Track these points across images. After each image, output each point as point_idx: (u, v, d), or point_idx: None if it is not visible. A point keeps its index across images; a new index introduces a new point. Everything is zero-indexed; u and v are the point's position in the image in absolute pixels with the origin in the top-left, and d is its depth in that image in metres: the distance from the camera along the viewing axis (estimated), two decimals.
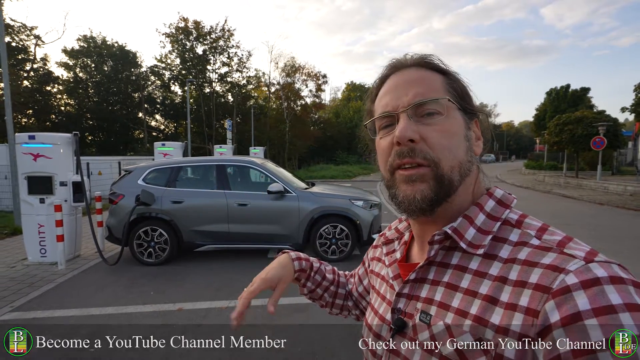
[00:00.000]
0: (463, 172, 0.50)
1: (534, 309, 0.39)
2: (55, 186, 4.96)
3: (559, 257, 0.41)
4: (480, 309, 0.44)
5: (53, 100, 26.22)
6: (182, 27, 27.85)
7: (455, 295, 0.47)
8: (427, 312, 0.49)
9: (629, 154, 28.90)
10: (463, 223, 0.49)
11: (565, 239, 0.43)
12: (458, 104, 0.51)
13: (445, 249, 0.51)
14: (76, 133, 5.09)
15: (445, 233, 0.49)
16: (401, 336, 0.52)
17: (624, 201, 11.03)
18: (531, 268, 0.42)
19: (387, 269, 0.62)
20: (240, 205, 4.92)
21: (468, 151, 0.51)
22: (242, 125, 29.50)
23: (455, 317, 0.46)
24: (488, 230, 0.48)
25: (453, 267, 0.49)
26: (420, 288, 0.52)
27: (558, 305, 0.37)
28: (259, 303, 2.94)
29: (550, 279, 0.39)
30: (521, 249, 0.44)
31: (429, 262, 0.51)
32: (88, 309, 3.54)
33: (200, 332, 3.07)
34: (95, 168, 11.51)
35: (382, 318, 0.58)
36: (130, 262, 4.98)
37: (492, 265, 0.46)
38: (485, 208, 0.50)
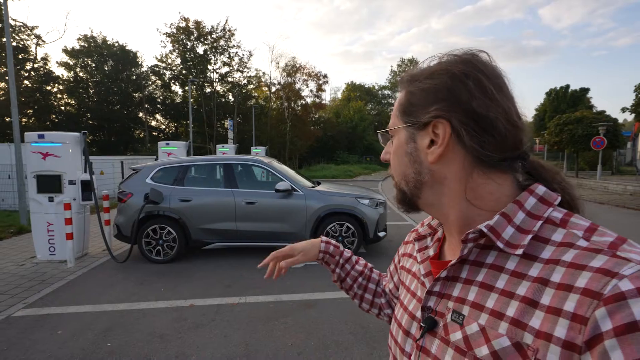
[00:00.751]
0: (410, 183, 0.54)
1: (582, 315, 0.36)
2: (64, 185, 5.00)
3: (611, 260, 0.38)
4: (518, 311, 0.41)
5: (53, 100, 26.24)
6: (183, 27, 27.91)
7: (490, 296, 0.45)
8: (460, 311, 0.48)
9: (628, 153, 29.03)
10: (500, 221, 0.46)
11: (618, 240, 0.40)
12: (403, 122, 0.54)
13: (480, 247, 0.49)
14: (85, 132, 5.14)
15: (480, 231, 0.46)
16: (432, 335, 0.51)
17: (624, 200, 11.11)
18: (578, 271, 0.39)
19: (418, 265, 0.61)
20: (248, 203, 4.97)
21: (411, 164, 0.53)
22: (243, 125, 29.54)
23: (490, 318, 0.44)
24: (528, 230, 0.45)
25: (488, 266, 0.47)
26: (452, 287, 0.51)
27: (610, 313, 0.34)
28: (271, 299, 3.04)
29: (601, 283, 0.36)
30: (567, 250, 0.41)
31: (462, 261, 0.50)
32: (101, 305, 3.58)
33: (214, 326, 3.11)
34: (97, 168, 11.45)
35: (411, 315, 0.57)
36: (138, 260, 5.02)
37: (532, 266, 0.43)
38: (525, 206, 0.47)
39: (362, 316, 3.28)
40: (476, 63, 0.49)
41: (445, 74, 0.49)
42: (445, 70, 0.50)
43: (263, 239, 5.05)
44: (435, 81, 0.50)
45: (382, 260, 5.01)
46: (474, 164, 0.49)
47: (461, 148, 0.49)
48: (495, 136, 0.47)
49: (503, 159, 0.48)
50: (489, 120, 0.47)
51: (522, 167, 0.50)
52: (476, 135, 0.48)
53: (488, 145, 0.48)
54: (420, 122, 0.51)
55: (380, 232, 5.14)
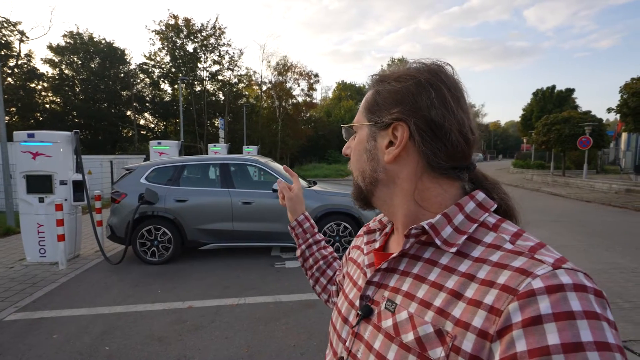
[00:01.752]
0: (367, 179, 0.57)
1: (498, 308, 0.40)
2: (55, 185, 4.88)
3: (529, 261, 0.42)
4: (444, 301, 0.45)
5: (38, 97, 25.50)
6: (172, 24, 27.47)
7: (422, 287, 0.49)
8: (393, 300, 0.51)
9: (611, 153, 29.85)
10: (441, 220, 0.50)
11: (538, 245, 0.44)
12: (367, 119, 0.57)
13: (420, 243, 0.52)
14: (77, 131, 5.02)
15: (422, 228, 0.50)
16: (366, 322, 0.54)
17: (609, 199, 11.41)
18: (501, 269, 0.43)
19: (363, 256, 0.64)
20: (245, 203, 4.93)
21: (369, 161, 0.56)
22: (233, 124, 29.25)
23: (418, 307, 0.47)
24: (464, 231, 0.49)
25: (424, 260, 0.51)
26: (390, 277, 0.54)
27: (521, 307, 0.38)
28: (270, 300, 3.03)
29: (517, 281, 0.40)
30: (494, 251, 0.46)
31: (402, 254, 0.53)
32: (96, 307, 3.51)
33: (214, 328, 3.08)
34: (85, 167, 11.23)
35: (351, 303, 0.60)
36: (132, 261, 4.93)
37: (462, 263, 0.47)
38: (465, 209, 0.51)
39: None
40: (440, 74, 0.53)
41: (411, 79, 0.52)
42: (411, 76, 0.53)
43: (260, 239, 5.02)
44: (401, 85, 0.53)
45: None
46: (425, 168, 0.52)
47: (415, 152, 0.52)
48: (447, 145, 0.51)
49: (452, 167, 0.52)
50: (444, 129, 0.51)
51: (467, 177, 0.54)
52: (430, 142, 0.51)
53: (440, 153, 0.51)
54: (382, 122, 0.54)
55: None
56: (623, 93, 14.67)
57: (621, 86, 14.84)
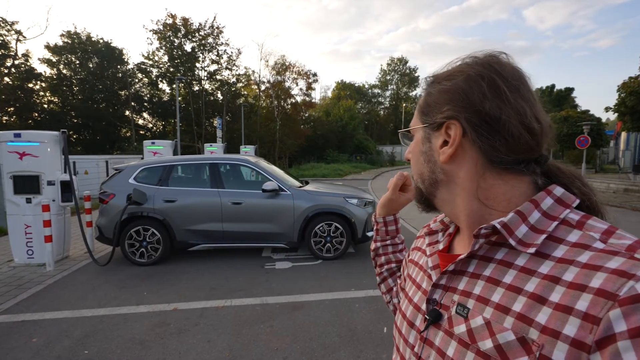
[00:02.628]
0: (426, 182, 0.56)
1: (594, 315, 0.36)
2: (43, 185, 4.82)
3: (628, 261, 0.37)
4: (525, 306, 0.41)
5: (36, 97, 25.47)
6: (170, 23, 27.41)
7: (497, 290, 0.45)
8: (465, 305, 0.48)
9: (611, 152, 29.78)
10: (514, 219, 0.46)
11: (636, 244, 0.39)
12: (422, 122, 0.56)
13: (490, 244, 0.49)
14: (64, 131, 4.96)
15: (493, 227, 0.46)
16: (436, 327, 0.51)
17: (607, 198, 11.36)
18: (593, 272, 0.38)
19: (426, 258, 0.62)
20: (235, 203, 4.88)
21: (426, 164, 0.55)
22: (232, 124, 29.22)
23: (495, 312, 0.44)
24: (542, 229, 0.45)
25: (497, 261, 0.47)
26: (458, 280, 0.51)
27: (625, 315, 0.34)
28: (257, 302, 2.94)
29: (617, 285, 0.36)
30: (582, 251, 0.41)
31: (471, 255, 0.50)
32: (80, 310, 3.45)
33: (197, 331, 3.03)
34: (82, 167, 11.25)
35: (416, 307, 0.58)
36: (121, 262, 4.88)
37: (542, 264, 0.43)
38: (541, 205, 0.47)
39: (349, 318, 3.24)
40: (493, 65, 0.50)
41: (461, 75, 0.50)
42: (461, 72, 0.51)
43: (250, 239, 4.97)
44: (451, 83, 0.51)
45: (371, 259, 4.97)
46: (487, 165, 0.49)
47: (473, 149, 0.50)
48: (507, 138, 0.47)
49: (517, 161, 0.48)
50: (501, 122, 0.47)
51: (539, 170, 0.50)
52: (487, 137, 0.48)
53: (499, 147, 0.48)
54: (435, 122, 0.52)
55: (368, 232, 5.11)
56: (621, 92, 14.62)
57: (619, 85, 14.79)
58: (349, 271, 4.53)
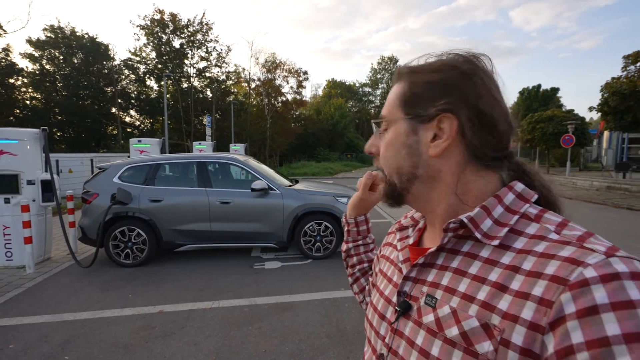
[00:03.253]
0: (403, 176, 0.54)
1: (548, 299, 0.39)
2: (22, 185, 4.66)
3: (578, 250, 0.40)
4: (488, 295, 0.44)
5: (17, 93, 24.68)
6: (158, 19, 26.87)
7: (463, 281, 0.48)
8: (433, 295, 0.50)
9: (594, 151, 30.53)
10: (480, 213, 0.49)
11: (586, 234, 0.43)
12: (404, 112, 0.53)
13: (458, 237, 0.52)
14: (44, 128, 4.79)
15: (461, 221, 0.49)
16: (406, 318, 0.53)
17: (590, 196, 11.62)
18: (548, 260, 0.41)
19: (397, 252, 0.64)
20: (223, 203, 4.80)
21: (408, 157, 0.53)
22: (221, 122, 28.87)
23: (461, 301, 0.46)
24: (505, 223, 0.48)
25: (463, 254, 0.50)
26: (427, 272, 0.53)
27: (575, 298, 0.37)
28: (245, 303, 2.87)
29: (567, 271, 0.39)
30: (539, 242, 0.44)
31: (439, 249, 0.52)
32: (61, 314, 3.34)
33: (184, 334, 2.96)
34: (65, 165, 10.95)
35: (387, 300, 0.60)
36: (105, 263, 4.76)
37: (504, 255, 0.46)
38: (504, 201, 0.50)
39: (339, 319, 3.22)
40: (479, 64, 0.52)
41: (453, 69, 0.51)
42: (452, 66, 0.51)
43: (238, 239, 4.90)
44: (443, 75, 0.51)
45: None
46: (469, 160, 0.51)
47: (461, 144, 0.51)
48: (494, 135, 0.50)
49: (495, 158, 0.51)
50: (492, 119, 0.50)
51: (507, 167, 0.53)
52: (479, 133, 0.50)
53: (487, 143, 0.50)
54: (426, 114, 0.51)
55: None
56: (604, 92, 14.96)
57: (602, 85, 15.13)
58: (339, 271, 4.50)
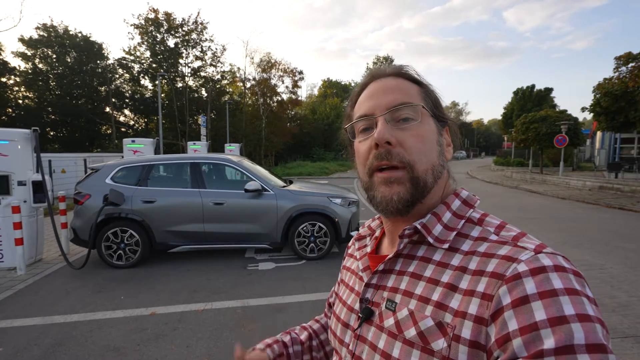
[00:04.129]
0: (436, 174, 0.54)
1: (489, 294, 0.43)
2: (13, 186, 4.61)
3: (513, 249, 0.45)
4: (441, 295, 0.47)
5: (9, 92, 24.39)
6: (152, 18, 26.68)
7: (419, 284, 0.50)
8: (393, 300, 0.52)
9: (587, 151, 30.84)
10: (431, 220, 0.53)
11: (520, 235, 0.48)
12: (431, 111, 0.55)
13: (413, 243, 0.55)
14: (36, 129, 4.75)
15: (414, 228, 0.52)
16: (368, 324, 0.55)
17: (583, 196, 11.74)
18: (489, 259, 0.46)
19: (357, 262, 0.65)
20: (216, 204, 4.78)
21: (440, 155, 0.55)
22: (216, 122, 28.74)
23: (418, 303, 0.49)
24: (453, 227, 0.53)
25: (419, 258, 0.53)
26: (387, 278, 0.55)
27: (510, 290, 0.41)
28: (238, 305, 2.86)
29: (504, 267, 0.43)
30: (481, 243, 0.49)
31: (397, 255, 0.55)
32: (52, 316, 3.31)
33: (176, 336, 2.95)
34: (58, 166, 10.85)
35: (350, 308, 0.61)
36: (98, 265, 4.72)
37: (454, 257, 0.50)
38: (451, 207, 0.55)
39: None
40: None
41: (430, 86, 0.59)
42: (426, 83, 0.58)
43: (232, 240, 4.89)
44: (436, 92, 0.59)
45: None
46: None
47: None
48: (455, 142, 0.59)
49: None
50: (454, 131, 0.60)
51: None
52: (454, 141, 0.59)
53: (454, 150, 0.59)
54: (446, 120, 0.58)
55: (352, 232, 5.10)
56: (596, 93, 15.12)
57: (594, 86, 15.28)
58: (333, 271, 4.51)
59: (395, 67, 0.58)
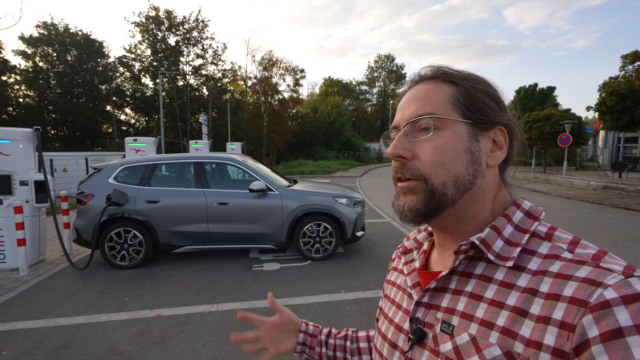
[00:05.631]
0: (460, 186, 0.49)
1: (570, 322, 0.37)
2: (15, 186, 4.56)
3: (595, 270, 0.39)
4: (508, 320, 0.42)
5: (10, 91, 24.36)
6: (153, 16, 26.60)
7: (480, 306, 0.46)
8: (449, 322, 0.48)
9: (589, 150, 30.75)
10: (491, 234, 0.48)
11: (600, 253, 0.42)
12: (463, 116, 0.50)
13: (469, 259, 0.50)
14: (37, 128, 4.69)
15: (472, 243, 0.47)
16: (421, 346, 0.50)
17: (588, 195, 11.67)
18: (565, 281, 0.40)
19: (405, 277, 0.61)
20: (221, 204, 4.73)
21: (469, 165, 0.50)
22: (218, 120, 28.69)
23: (480, 328, 0.44)
24: (516, 242, 0.47)
25: (477, 277, 0.48)
26: (440, 297, 0.51)
27: (597, 320, 0.36)
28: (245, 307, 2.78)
29: (587, 292, 0.38)
30: (553, 262, 0.43)
31: (452, 272, 0.50)
32: (55, 319, 3.26)
33: (181, 339, 2.89)
34: (60, 165, 10.81)
35: (398, 327, 0.56)
36: (101, 265, 4.67)
37: (520, 277, 0.44)
38: (513, 220, 0.49)
39: (339, 322, 3.17)
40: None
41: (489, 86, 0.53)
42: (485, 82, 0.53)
43: (237, 241, 4.83)
44: (495, 91, 0.53)
45: (360, 260, 4.92)
46: (500, 175, 0.53)
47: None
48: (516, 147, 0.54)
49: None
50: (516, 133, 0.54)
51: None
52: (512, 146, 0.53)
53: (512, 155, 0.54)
54: (489, 122, 0.51)
55: (358, 232, 5.05)
56: (602, 92, 15.01)
57: (600, 85, 15.18)
58: (339, 272, 4.46)
59: (431, 69, 0.54)
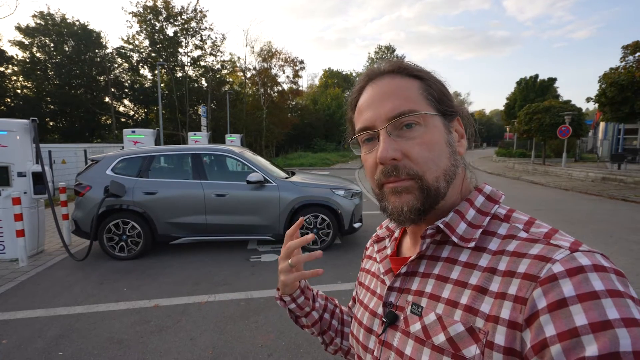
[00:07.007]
0: (448, 178, 0.51)
1: (523, 296, 0.40)
2: (13, 177, 4.56)
3: (545, 247, 0.42)
4: (470, 298, 0.44)
5: (7, 82, 24.17)
6: (151, 6, 26.25)
7: (446, 287, 0.48)
8: (419, 304, 0.50)
9: (589, 141, 30.67)
10: (455, 218, 0.50)
11: (551, 231, 0.45)
12: (436, 109, 0.51)
13: (436, 243, 0.52)
14: (34, 119, 4.67)
15: (437, 227, 0.50)
16: (393, 329, 0.52)
17: (586, 187, 11.68)
18: (519, 259, 0.43)
19: (378, 264, 0.63)
20: (218, 195, 4.74)
21: (451, 156, 0.51)
22: (217, 112, 28.53)
23: (446, 307, 0.46)
24: (478, 225, 0.50)
25: (443, 259, 0.50)
26: (411, 281, 0.53)
27: (545, 293, 0.38)
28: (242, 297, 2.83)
29: (537, 268, 0.40)
30: (510, 241, 0.46)
31: (420, 256, 0.52)
32: (54, 308, 3.30)
33: (179, 329, 2.94)
34: (58, 156, 10.79)
35: (373, 312, 0.59)
36: (100, 256, 4.71)
37: (481, 257, 0.47)
38: (475, 203, 0.52)
39: None
40: None
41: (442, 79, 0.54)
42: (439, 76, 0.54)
43: (235, 232, 4.86)
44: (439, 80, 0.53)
45: (357, 251, 4.96)
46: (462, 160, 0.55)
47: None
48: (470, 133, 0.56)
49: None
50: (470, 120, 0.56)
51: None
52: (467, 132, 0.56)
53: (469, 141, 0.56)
54: (455, 112, 0.53)
55: (355, 223, 5.07)
56: (602, 83, 14.90)
57: (600, 76, 15.06)
58: (335, 263, 4.49)
59: (391, 63, 0.53)
